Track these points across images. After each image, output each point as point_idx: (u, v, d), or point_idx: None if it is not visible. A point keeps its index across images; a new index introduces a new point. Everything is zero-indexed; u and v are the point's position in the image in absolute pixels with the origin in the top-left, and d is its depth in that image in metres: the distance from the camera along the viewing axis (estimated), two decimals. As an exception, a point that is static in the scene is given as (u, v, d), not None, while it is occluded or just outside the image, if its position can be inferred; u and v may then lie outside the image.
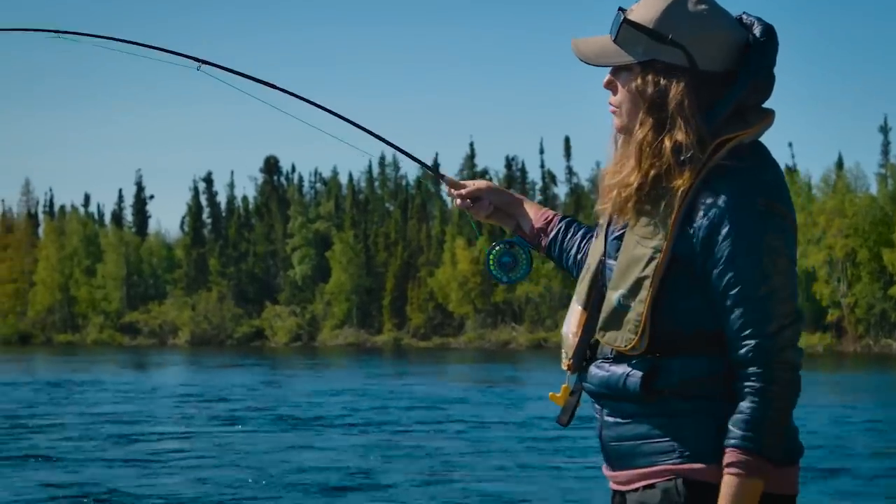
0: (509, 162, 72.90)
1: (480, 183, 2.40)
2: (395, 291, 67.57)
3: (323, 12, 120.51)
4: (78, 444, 16.51)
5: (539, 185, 72.85)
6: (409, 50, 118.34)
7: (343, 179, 75.71)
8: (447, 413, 20.72)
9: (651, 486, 1.93)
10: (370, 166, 74.73)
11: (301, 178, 77.38)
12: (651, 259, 1.90)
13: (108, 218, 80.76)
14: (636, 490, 1.96)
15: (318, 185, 77.90)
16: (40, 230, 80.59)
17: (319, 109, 2.56)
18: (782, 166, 2.13)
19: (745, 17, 1.99)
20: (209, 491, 11.75)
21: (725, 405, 1.86)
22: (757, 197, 1.87)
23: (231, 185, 77.68)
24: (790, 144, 65.42)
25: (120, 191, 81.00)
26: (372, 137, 2.53)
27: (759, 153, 1.96)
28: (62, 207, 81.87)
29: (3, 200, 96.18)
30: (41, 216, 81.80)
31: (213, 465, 13.63)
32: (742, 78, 1.91)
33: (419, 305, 66.58)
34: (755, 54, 1.93)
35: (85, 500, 11.54)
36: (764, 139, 1.99)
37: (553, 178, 73.55)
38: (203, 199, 77.05)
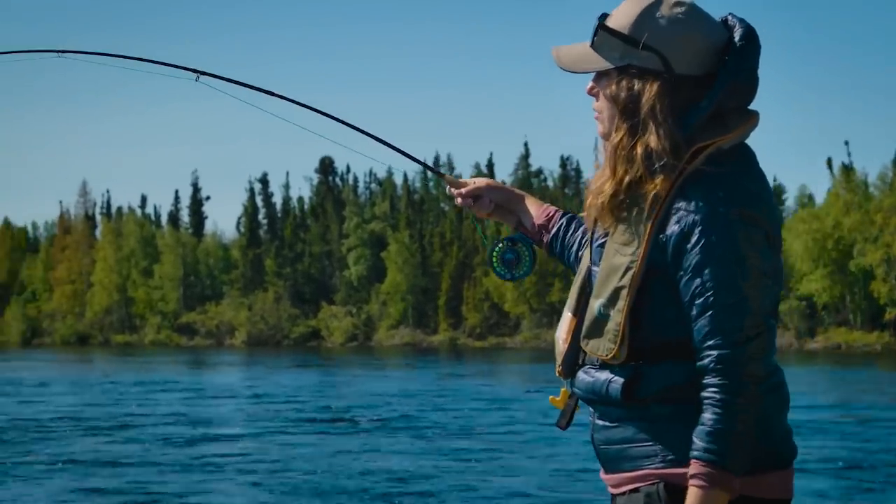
0: (564, 161, 72.64)
1: (480, 181, 2.42)
2: (450, 291, 67.70)
3: (370, 7, 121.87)
4: (138, 446, 16.62)
5: (594, 184, 73.08)
6: (463, 48, 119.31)
7: (398, 180, 76.09)
8: (507, 413, 20.58)
9: (636, 490, 1.96)
10: (424, 167, 75.01)
11: (356, 179, 77.97)
12: (628, 268, 1.90)
13: (164, 219, 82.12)
14: (624, 494, 1.99)
15: (373, 185, 78.39)
16: (97, 232, 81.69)
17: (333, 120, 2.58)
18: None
19: (729, 18, 1.96)
20: (267, 494, 11.68)
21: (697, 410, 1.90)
22: (731, 206, 1.84)
23: (286, 186, 78.65)
24: (846, 143, 65.47)
25: (176, 192, 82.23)
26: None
27: (741, 158, 1.94)
28: (119, 209, 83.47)
29: (60, 202, 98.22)
30: (98, 218, 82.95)
31: (272, 468, 13.60)
32: (720, 80, 1.89)
33: (475, 305, 66.70)
34: (734, 56, 1.90)
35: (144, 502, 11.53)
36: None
37: (607, 178, 73.86)
38: (259, 200, 78.08)
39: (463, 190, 2.40)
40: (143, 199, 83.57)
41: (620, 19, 1.94)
